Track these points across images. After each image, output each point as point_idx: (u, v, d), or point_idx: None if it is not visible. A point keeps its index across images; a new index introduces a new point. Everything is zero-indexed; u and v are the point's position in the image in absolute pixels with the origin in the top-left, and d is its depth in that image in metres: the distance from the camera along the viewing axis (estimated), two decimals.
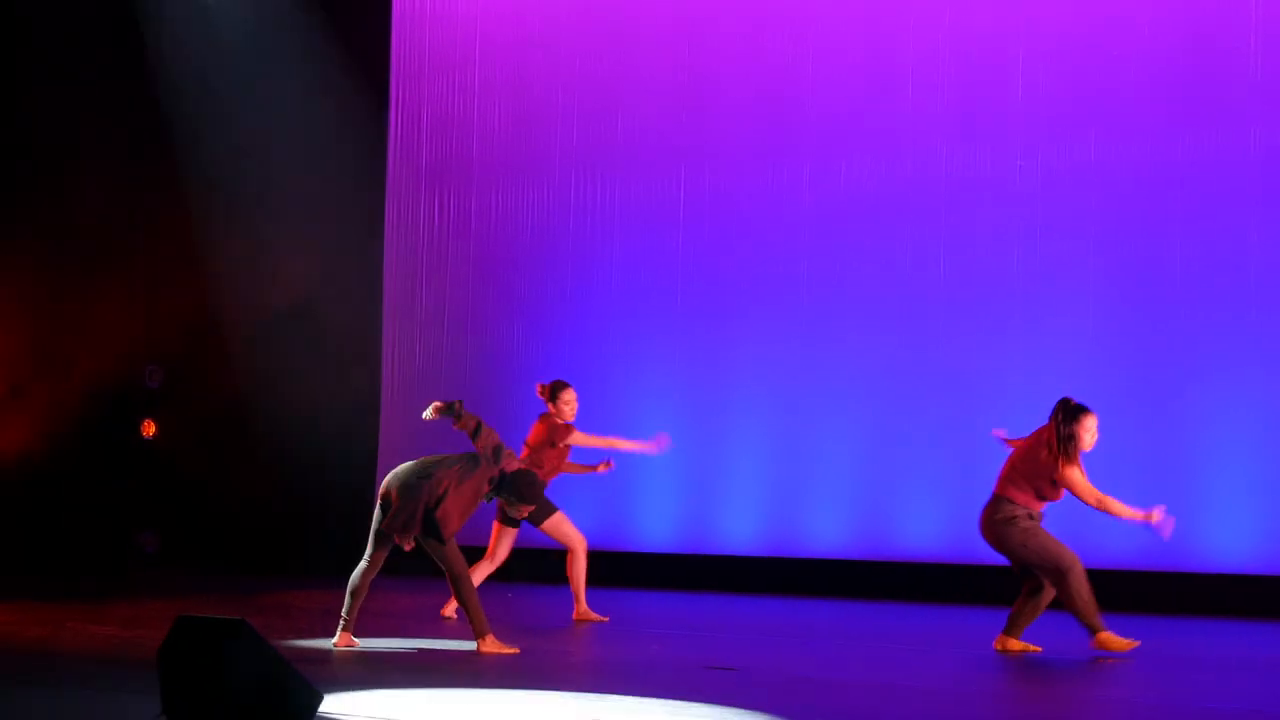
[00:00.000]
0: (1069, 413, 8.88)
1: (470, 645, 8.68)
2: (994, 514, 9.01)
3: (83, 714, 6.64)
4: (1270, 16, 12.03)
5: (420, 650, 8.95)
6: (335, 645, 8.76)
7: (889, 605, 12.36)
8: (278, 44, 15.37)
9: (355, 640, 8.82)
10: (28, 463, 14.36)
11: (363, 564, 8.80)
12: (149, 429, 14.87)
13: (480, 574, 10.46)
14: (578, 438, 10.82)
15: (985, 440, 12.75)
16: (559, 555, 11.09)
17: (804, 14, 13.83)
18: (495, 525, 10.73)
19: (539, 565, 14.25)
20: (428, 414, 8.81)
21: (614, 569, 13.87)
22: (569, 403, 10.77)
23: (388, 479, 8.69)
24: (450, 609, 10.63)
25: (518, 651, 8.58)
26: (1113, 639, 8.81)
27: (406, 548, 8.67)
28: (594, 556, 14.10)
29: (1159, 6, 12.48)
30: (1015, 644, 8.99)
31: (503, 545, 10.75)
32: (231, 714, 5.85)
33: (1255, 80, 12.05)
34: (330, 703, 6.28)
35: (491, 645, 8.61)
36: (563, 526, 10.76)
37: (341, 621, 8.80)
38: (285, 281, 14.97)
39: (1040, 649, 8.97)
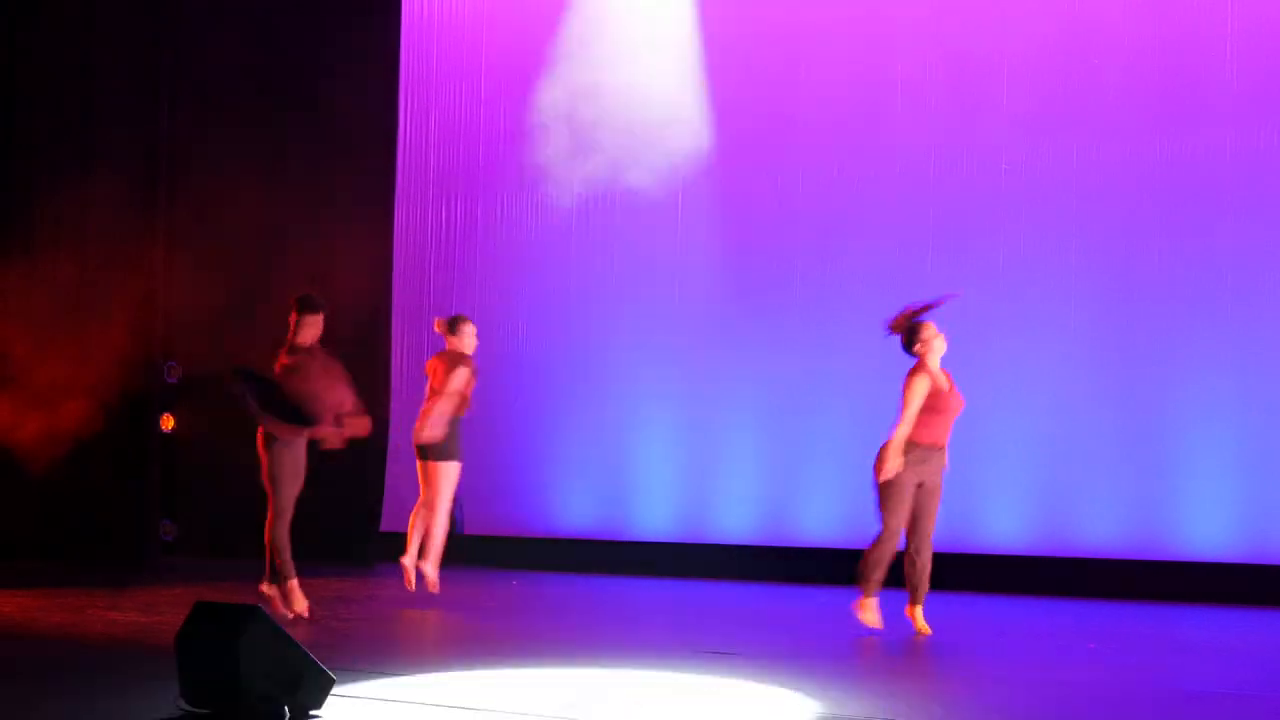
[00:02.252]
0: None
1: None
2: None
3: (104, 697, 6.59)
4: (1244, 28, 12.00)
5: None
6: None
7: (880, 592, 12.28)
8: (292, 51, 15.30)
9: None
10: (51, 455, 14.31)
11: None
12: (168, 423, 14.81)
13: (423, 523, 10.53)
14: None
15: (973, 432, 12.76)
16: (562, 544, 11.05)
17: (797, 25, 13.78)
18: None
19: (544, 554, 14.23)
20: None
21: (612, 557, 13.83)
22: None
23: None
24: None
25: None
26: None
27: None
28: (593, 546, 14.10)
29: (1138, 18, 12.44)
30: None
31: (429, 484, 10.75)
32: (247, 697, 5.80)
33: (1231, 87, 12.01)
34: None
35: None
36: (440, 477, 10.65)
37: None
38: (299, 281, 14.90)
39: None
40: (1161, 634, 9.89)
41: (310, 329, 9.45)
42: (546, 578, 13.19)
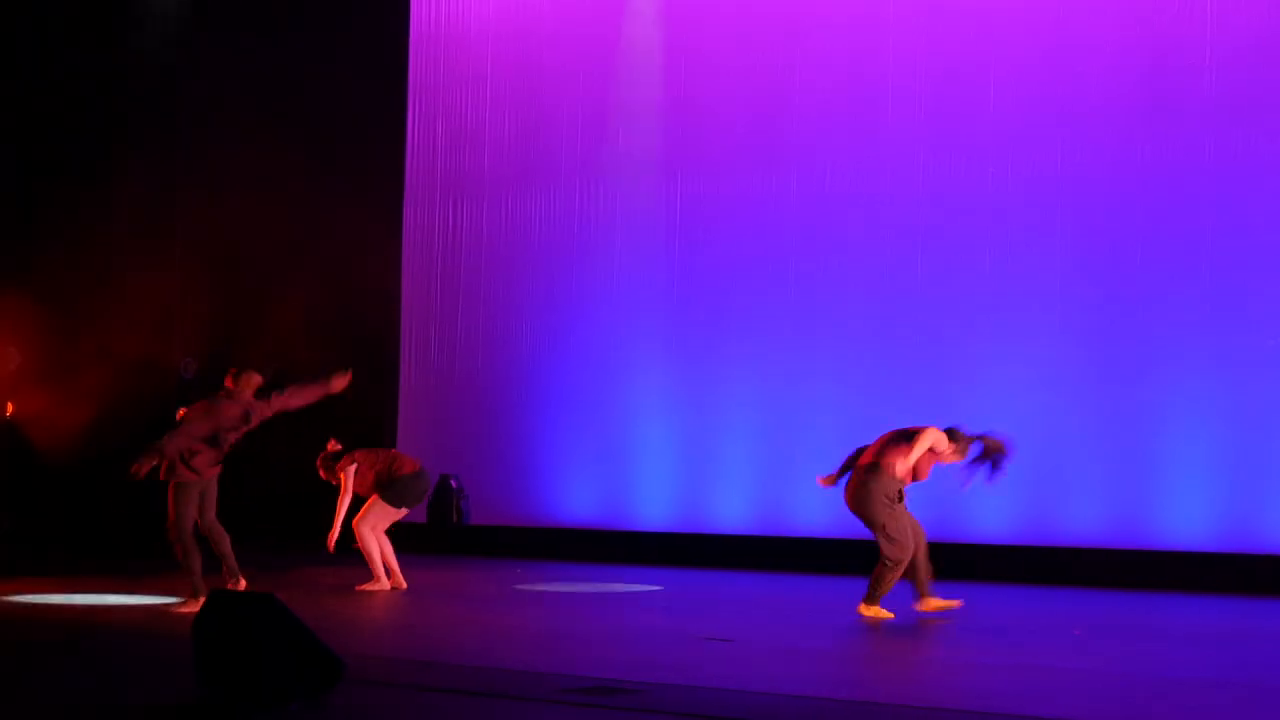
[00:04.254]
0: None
1: None
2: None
3: (123, 682, 6.62)
4: (1222, 39, 12.05)
5: None
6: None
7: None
8: (304, 57, 15.34)
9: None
10: (71, 450, 14.36)
11: None
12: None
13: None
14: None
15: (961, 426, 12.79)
16: (564, 534, 11.06)
17: (790, 33, 13.82)
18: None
19: (545, 545, 14.27)
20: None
21: (615, 547, 13.87)
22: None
23: None
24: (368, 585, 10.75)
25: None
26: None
27: None
28: (597, 536, 14.14)
29: (1121, 28, 12.48)
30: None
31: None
32: (261, 682, 5.84)
33: (1209, 96, 12.05)
34: None
35: None
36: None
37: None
38: (312, 281, 14.95)
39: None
40: (1142, 621, 9.92)
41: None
42: (549, 567, 13.23)
